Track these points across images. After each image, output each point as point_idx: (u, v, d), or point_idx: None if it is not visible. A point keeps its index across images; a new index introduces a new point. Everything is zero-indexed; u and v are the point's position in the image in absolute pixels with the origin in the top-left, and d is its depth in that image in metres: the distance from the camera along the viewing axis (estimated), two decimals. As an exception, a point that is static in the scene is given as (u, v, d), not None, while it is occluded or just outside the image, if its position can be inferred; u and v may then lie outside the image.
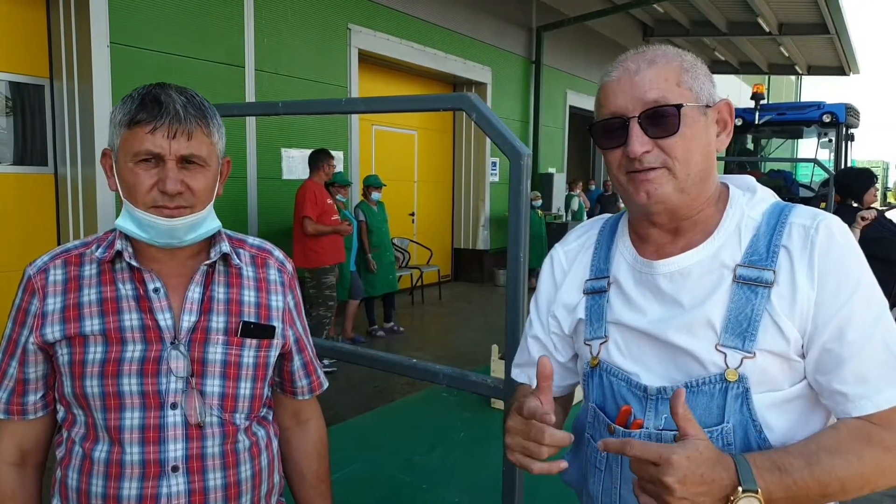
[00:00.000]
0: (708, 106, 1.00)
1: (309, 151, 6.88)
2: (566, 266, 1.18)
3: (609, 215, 1.22)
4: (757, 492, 0.84)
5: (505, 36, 10.29)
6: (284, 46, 6.66)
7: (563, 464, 0.91)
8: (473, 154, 10.43)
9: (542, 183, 11.14)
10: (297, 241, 5.66)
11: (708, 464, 0.83)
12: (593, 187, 13.33)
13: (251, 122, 6.31)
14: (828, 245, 0.94)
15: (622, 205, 1.28)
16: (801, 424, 0.98)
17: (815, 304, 0.93)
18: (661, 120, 0.96)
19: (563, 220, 11.16)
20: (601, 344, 1.08)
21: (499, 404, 3.56)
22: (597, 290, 1.10)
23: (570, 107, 12.44)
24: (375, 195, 6.65)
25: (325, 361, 5.70)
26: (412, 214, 9.75)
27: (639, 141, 0.96)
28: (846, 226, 0.99)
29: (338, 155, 7.43)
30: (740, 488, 0.83)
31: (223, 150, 1.21)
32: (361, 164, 8.03)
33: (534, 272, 1.21)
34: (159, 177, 1.11)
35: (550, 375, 0.94)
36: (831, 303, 0.93)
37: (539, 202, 10.20)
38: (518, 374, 1.27)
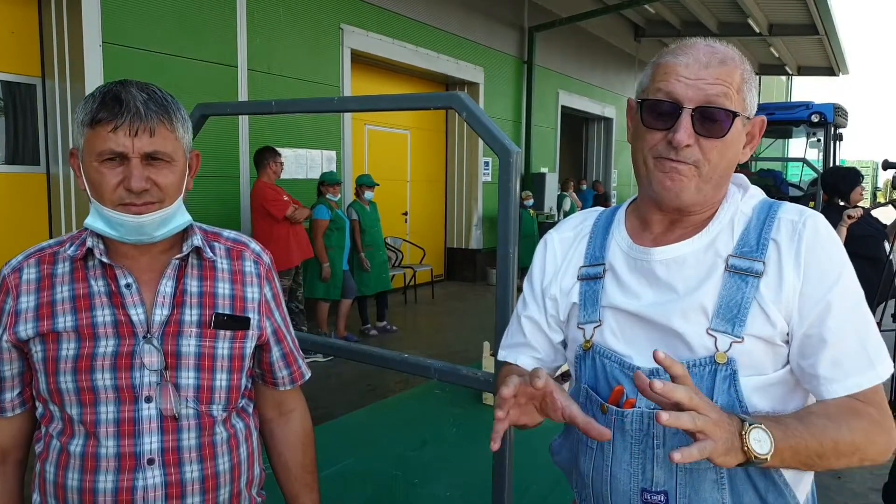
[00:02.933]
0: (748, 118, 1.05)
1: (304, 151, 6.88)
2: (561, 253, 1.22)
3: (602, 208, 1.27)
4: (761, 425, 0.88)
5: (497, 36, 10.32)
6: (277, 46, 6.67)
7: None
8: (466, 154, 10.45)
9: (535, 183, 11.19)
10: (269, 242, 5.59)
11: (717, 409, 0.88)
12: (584, 187, 13.38)
13: (244, 121, 6.32)
14: (814, 239, 1.01)
15: (614, 203, 1.31)
16: (782, 406, 1.03)
17: (800, 294, 0.99)
18: (714, 120, 1.00)
19: (556, 219, 11.19)
20: (595, 328, 1.12)
21: (489, 400, 3.59)
22: (591, 276, 1.15)
23: (563, 106, 12.48)
24: (368, 194, 6.67)
25: (321, 359, 5.71)
26: (405, 214, 9.76)
27: (686, 132, 0.99)
28: (828, 223, 1.05)
29: (331, 154, 7.44)
30: (747, 423, 0.88)
31: (190, 145, 1.21)
32: (354, 163, 8.05)
33: (525, 271, 1.23)
34: (124, 175, 1.11)
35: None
36: (814, 292, 0.99)
37: (531, 202, 10.24)
38: (506, 356, 1.26)
